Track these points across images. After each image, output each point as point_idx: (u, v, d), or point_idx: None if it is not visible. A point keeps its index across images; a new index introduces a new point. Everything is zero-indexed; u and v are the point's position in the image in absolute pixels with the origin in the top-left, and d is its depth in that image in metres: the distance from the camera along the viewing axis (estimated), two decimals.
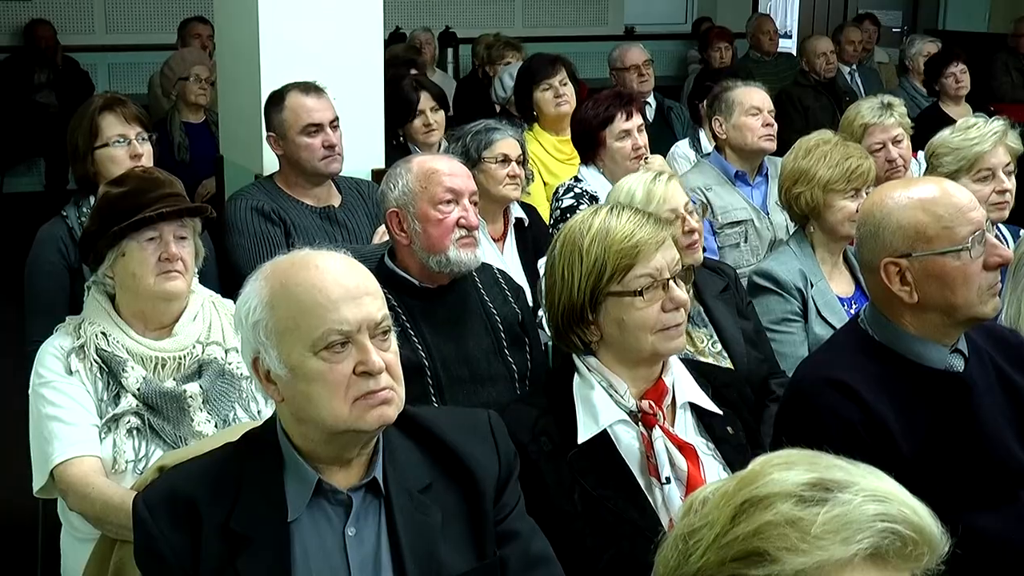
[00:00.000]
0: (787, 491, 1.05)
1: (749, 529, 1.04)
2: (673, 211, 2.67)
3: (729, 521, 1.06)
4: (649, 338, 2.00)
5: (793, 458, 1.10)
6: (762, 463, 1.11)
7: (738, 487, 1.09)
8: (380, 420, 1.61)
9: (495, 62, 6.14)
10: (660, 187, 2.70)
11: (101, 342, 2.28)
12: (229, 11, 4.01)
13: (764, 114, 3.80)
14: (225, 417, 2.31)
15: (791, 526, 1.03)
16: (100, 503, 2.14)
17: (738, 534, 1.05)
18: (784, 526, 1.03)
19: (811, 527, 1.02)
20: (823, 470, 1.07)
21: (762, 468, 1.09)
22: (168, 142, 4.91)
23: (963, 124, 3.26)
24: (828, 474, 1.07)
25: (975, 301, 1.97)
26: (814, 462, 1.09)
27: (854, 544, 1.01)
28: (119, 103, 3.07)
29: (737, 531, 1.05)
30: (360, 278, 1.64)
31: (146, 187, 2.32)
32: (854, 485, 1.05)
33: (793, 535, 1.02)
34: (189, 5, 7.32)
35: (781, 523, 1.03)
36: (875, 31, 8.26)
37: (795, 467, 1.08)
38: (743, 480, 1.09)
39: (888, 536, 1.02)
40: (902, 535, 1.02)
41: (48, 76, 7.60)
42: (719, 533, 1.06)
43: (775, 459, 1.11)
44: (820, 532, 1.01)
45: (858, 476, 1.07)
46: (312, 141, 3.30)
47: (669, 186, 2.71)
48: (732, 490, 1.09)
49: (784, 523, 1.03)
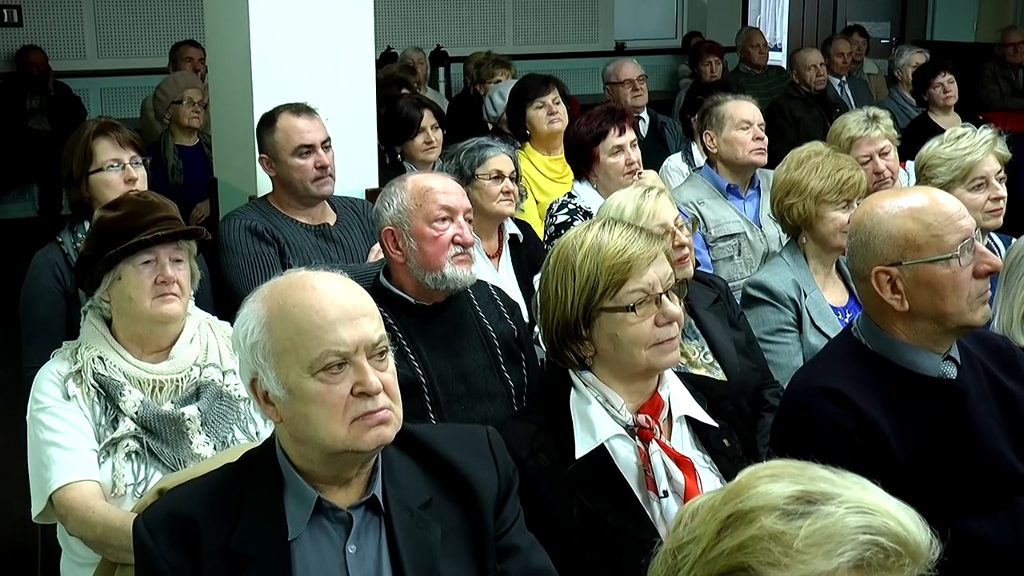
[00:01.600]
0: (771, 505, 1.06)
1: (734, 544, 1.05)
2: (663, 226, 2.69)
3: (715, 536, 1.07)
4: (643, 353, 2.01)
5: (780, 470, 1.11)
6: (749, 475, 1.11)
7: (724, 500, 1.09)
8: (378, 440, 1.61)
9: (485, 80, 6.17)
10: (650, 203, 2.71)
11: (98, 366, 2.28)
12: (221, 34, 4.03)
13: (754, 127, 3.82)
14: (223, 439, 2.31)
15: (774, 541, 1.04)
16: (101, 526, 2.13)
17: (723, 549, 1.06)
18: (767, 541, 1.04)
19: (794, 541, 1.03)
20: (808, 482, 1.08)
21: (749, 480, 1.10)
22: (162, 165, 4.93)
23: (952, 134, 3.28)
24: (813, 486, 1.07)
25: (965, 309, 1.99)
26: (800, 474, 1.10)
27: (836, 557, 1.02)
28: (113, 128, 3.09)
29: (722, 546, 1.06)
30: (357, 299, 1.64)
31: (141, 211, 2.33)
32: (838, 497, 1.06)
33: (776, 550, 1.03)
34: (180, 29, 7.35)
35: (764, 538, 1.04)
36: (864, 43, 8.32)
37: (780, 479, 1.09)
38: (729, 493, 1.10)
39: (871, 548, 1.03)
40: (885, 547, 1.03)
41: (40, 102, 7.62)
42: (705, 548, 1.07)
43: (762, 471, 1.11)
44: (803, 546, 1.02)
45: (843, 488, 1.07)
46: (304, 162, 3.31)
47: (659, 201, 2.73)
48: (718, 503, 1.10)
49: (767, 538, 1.04)
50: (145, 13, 8.26)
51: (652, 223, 2.65)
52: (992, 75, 7.71)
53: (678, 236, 2.72)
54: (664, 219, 2.71)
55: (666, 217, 2.72)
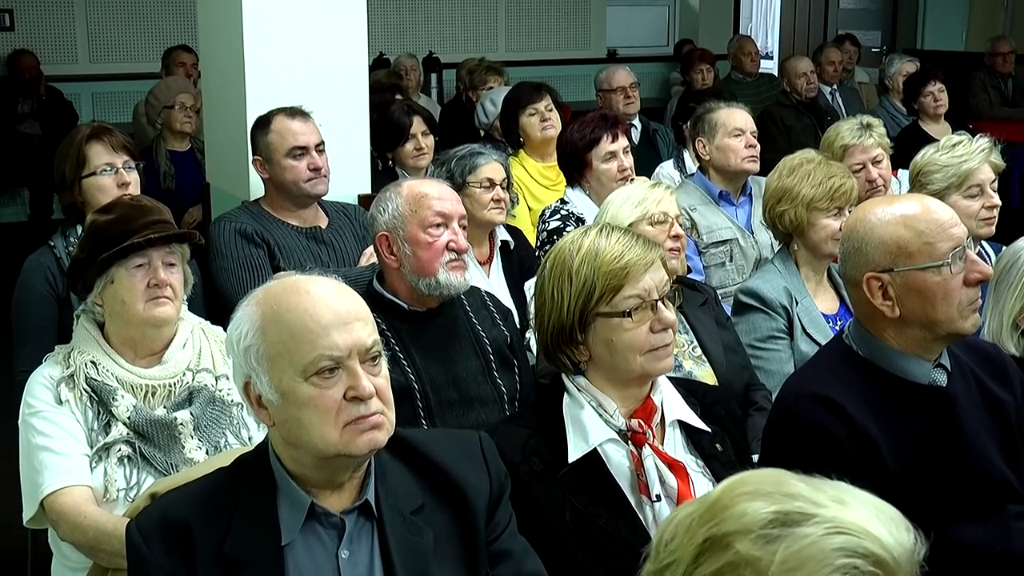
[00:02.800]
0: (745, 528, 1.05)
1: (711, 571, 1.04)
2: (665, 214, 2.81)
3: (692, 561, 1.06)
4: (638, 359, 2.01)
5: (755, 486, 1.09)
6: (726, 490, 1.10)
7: (700, 522, 1.08)
8: (370, 445, 1.61)
9: (477, 87, 6.18)
10: (658, 191, 2.86)
11: (91, 371, 2.28)
12: (214, 40, 4.03)
13: (747, 135, 3.83)
14: (216, 444, 2.31)
15: (750, 567, 1.03)
16: (93, 531, 2.13)
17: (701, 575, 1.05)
18: (743, 568, 1.03)
19: (769, 568, 1.02)
20: (784, 501, 1.06)
21: (725, 499, 1.09)
22: (154, 170, 4.93)
23: (947, 142, 3.30)
24: (788, 505, 1.06)
25: (955, 316, 2.00)
26: (776, 491, 1.08)
27: None
28: (106, 132, 3.08)
29: (700, 572, 1.05)
30: (351, 303, 1.65)
31: (134, 214, 2.33)
32: (814, 518, 1.04)
33: None
34: (173, 34, 7.34)
35: (740, 564, 1.03)
36: (855, 51, 8.36)
37: (756, 498, 1.07)
38: (705, 514, 1.09)
39: (849, 571, 1.01)
40: (863, 570, 1.02)
41: (32, 106, 7.60)
42: (683, 574, 1.06)
43: (738, 487, 1.10)
44: (779, 572, 1.01)
45: (819, 507, 1.06)
46: (298, 164, 3.31)
47: (667, 192, 2.87)
48: (695, 525, 1.08)
49: (743, 564, 1.03)
50: (137, 18, 8.25)
51: (655, 208, 2.79)
52: (982, 84, 7.75)
53: (675, 227, 2.82)
54: (667, 208, 2.84)
55: (669, 207, 2.84)
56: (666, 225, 2.81)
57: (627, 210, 2.81)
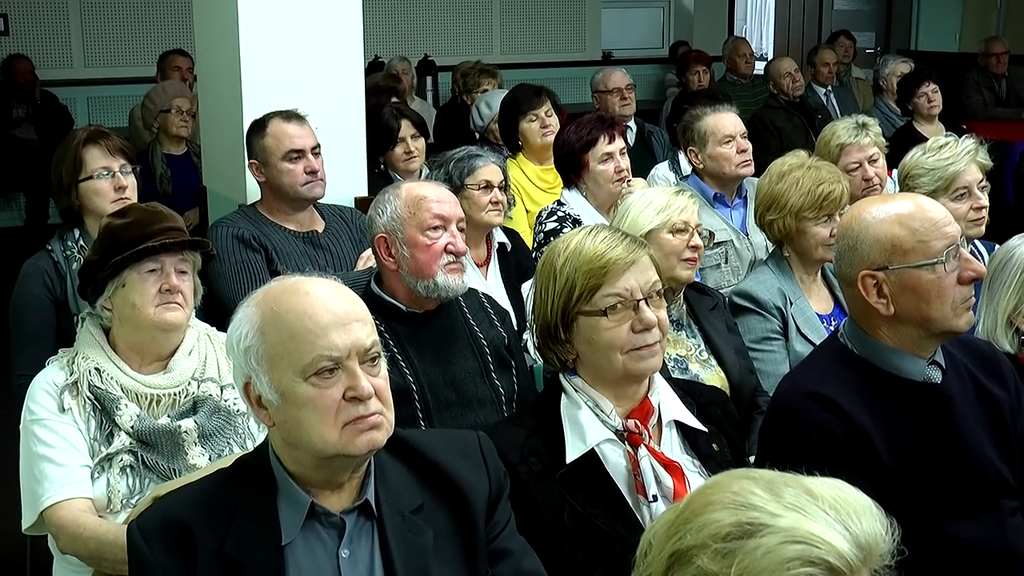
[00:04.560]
0: (704, 542, 1.07)
1: None
2: (686, 223, 2.81)
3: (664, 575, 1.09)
4: (619, 358, 2.01)
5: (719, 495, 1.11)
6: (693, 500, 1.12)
7: (667, 536, 1.11)
8: (369, 445, 1.62)
9: (472, 90, 6.19)
10: (682, 199, 2.85)
11: (95, 379, 2.27)
12: (210, 43, 4.04)
13: (737, 140, 3.82)
14: (220, 453, 2.30)
15: None
16: (94, 542, 2.13)
17: None
18: None
19: None
20: (742, 512, 1.08)
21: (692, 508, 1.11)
22: (150, 174, 4.93)
23: (934, 144, 3.31)
24: (746, 516, 1.08)
25: (949, 314, 2.01)
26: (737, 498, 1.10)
27: None
28: (103, 136, 3.08)
29: None
30: (350, 304, 1.66)
31: (149, 220, 2.34)
32: (771, 527, 1.06)
33: None
34: (168, 38, 7.34)
35: None
36: (851, 46, 8.35)
37: (719, 508, 1.09)
38: (672, 527, 1.11)
39: None
40: None
41: (27, 111, 7.60)
42: None
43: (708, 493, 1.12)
44: None
45: (777, 516, 1.07)
46: (294, 167, 3.31)
47: (691, 201, 2.86)
48: (664, 538, 1.11)
49: None
50: (133, 22, 8.26)
51: (678, 217, 2.79)
52: (975, 84, 7.78)
53: (694, 238, 2.82)
54: (688, 217, 2.83)
55: (690, 216, 2.84)
56: (686, 235, 2.81)
57: (648, 215, 2.80)
